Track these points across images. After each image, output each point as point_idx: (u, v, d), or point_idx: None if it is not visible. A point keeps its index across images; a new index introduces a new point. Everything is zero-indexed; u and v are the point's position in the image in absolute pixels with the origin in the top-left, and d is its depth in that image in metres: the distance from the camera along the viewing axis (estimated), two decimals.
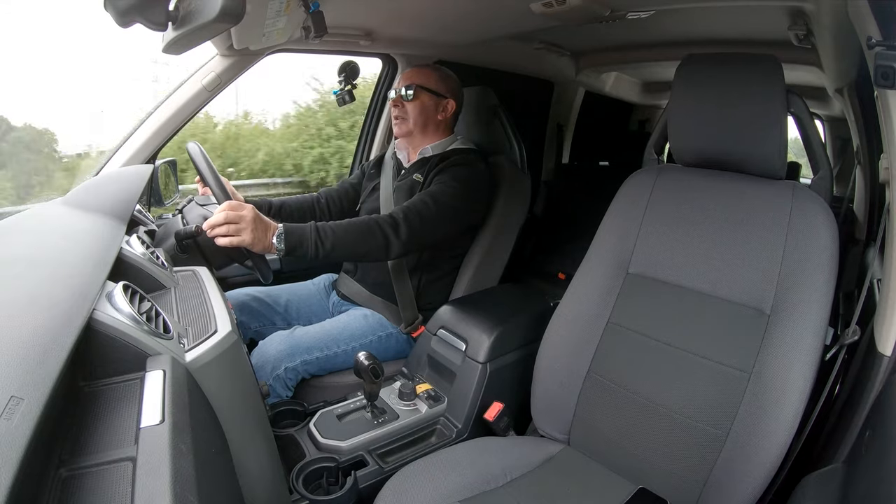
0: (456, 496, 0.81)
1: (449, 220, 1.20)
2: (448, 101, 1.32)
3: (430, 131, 1.33)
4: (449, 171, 1.23)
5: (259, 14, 0.96)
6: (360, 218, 1.11)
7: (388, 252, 1.11)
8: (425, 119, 1.31)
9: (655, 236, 0.96)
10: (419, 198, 1.18)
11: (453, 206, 1.19)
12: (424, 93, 1.29)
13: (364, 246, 1.08)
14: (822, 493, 0.65)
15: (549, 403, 1.01)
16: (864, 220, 1.44)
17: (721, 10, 1.33)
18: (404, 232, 1.10)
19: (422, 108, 1.30)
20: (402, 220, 1.11)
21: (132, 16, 0.67)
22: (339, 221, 1.08)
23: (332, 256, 1.06)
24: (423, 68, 1.34)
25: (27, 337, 0.45)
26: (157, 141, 1.30)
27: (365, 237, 1.07)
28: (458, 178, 1.22)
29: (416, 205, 1.15)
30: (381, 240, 1.09)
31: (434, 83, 1.30)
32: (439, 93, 1.30)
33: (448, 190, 1.19)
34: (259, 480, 0.72)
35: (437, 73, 1.32)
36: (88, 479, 0.43)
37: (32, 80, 5.43)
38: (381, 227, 1.09)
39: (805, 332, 0.77)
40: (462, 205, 1.22)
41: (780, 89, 0.84)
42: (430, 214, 1.15)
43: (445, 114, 1.32)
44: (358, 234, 1.07)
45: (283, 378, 1.13)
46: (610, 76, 2.43)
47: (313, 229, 1.03)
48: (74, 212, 0.92)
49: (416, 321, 1.28)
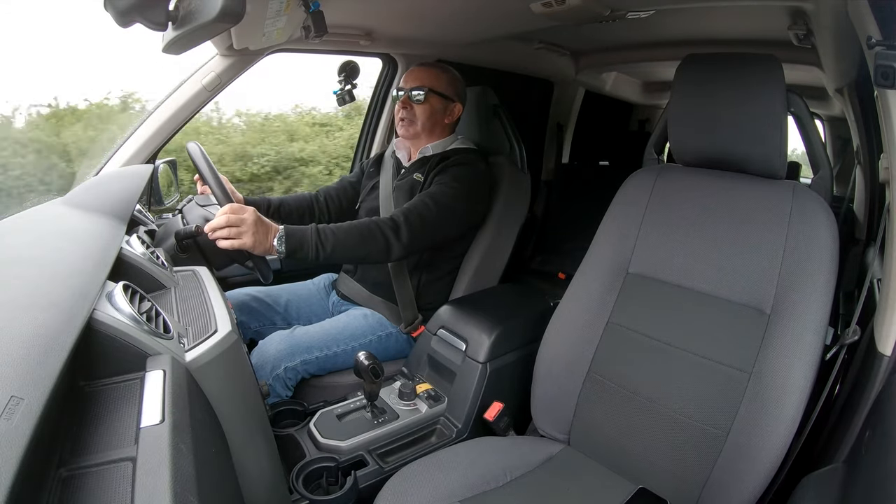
0: (456, 496, 0.81)
1: (450, 222, 1.20)
2: (456, 104, 1.32)
3: (437, 134, 1.33)
4: (449, 171, 1.23)
5: (259, 14, 0.96)
6: (361, 220, 1.11)
7: (389, 255, 1.11)
8: (433, 122, 1.30)
9: (655, 236, 0.96)
10: (420, 199, 1.17)
11: (454, 207, 1.19)
12: (434, 96, 1.28)
13: (364, 249, 1.08)
14: (822, 493, 0.65)
15: (549, 403, 1.01)
16: (864, 220, 1.44)
17: (721, 10, 1.33)
18: (405, 235, 1.10)
19: (431, 111, 1.29)
20: (403, 222, 1.10)
21: (132, 16, 0.67)
22: (340, 224, 1.07)
23: (333, 259, 1.06)
24: (432, 68, 1.32)
25: (27, 337, 0.45)
26: (157, 141, 1.30)
27: (366, 240, 1.07)
28: (459, 179, 1.21)
29: (417, 207, 1.15)
30: (382, 243, 1.09)
31: (444, 86, 1.29)
32: (448, 96, 1.29)
33: (448, 191, 1.19)
34: (259, 480, 0.72)
35: (446, 76, 1.31)
36: (88, 479, 0.43)
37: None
38: (381, 230, 1.08)
39: (805, 332, 0.77)
40: (462, 205, 1.22)
41: (780, 89, 0.84)
42: (431, 216, 1.15)
43: (452, 117, 1.32)
44: (359, 237, 1.07)
45: (283, 377, 1.13)
46: (610, 76, 2.43)
47: (314, 232, 1.03)
48: (74, 212, 0.92)
49: (415, 321, 1.28)
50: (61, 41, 3.22)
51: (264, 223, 0.99)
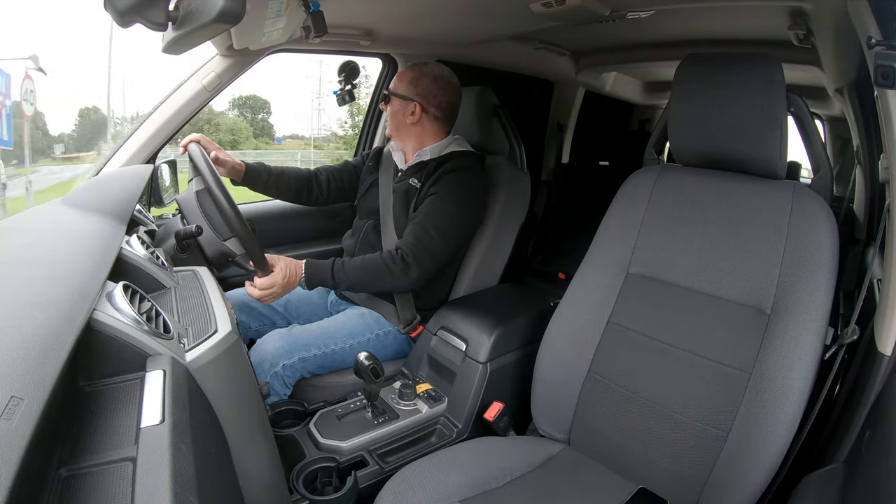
0: (456, 496, 0.81)
1: (455, 241, 1.23)
2: (414, 104, 1.27)
3: (410, 135, 1.30)
4: (445, 179, 1.21)
5: (259, 14, 0.96)
6: (373, 257, 1.15)
7: (403, 288, 1.20)
8: (397, 123, 1.30)
9: (656, 236, 0.96)
10: (423, 230, 1.17)
11: (455, 225, 1.20)
12: (394, 98, 1.28)
13: (378, 286, 1.17)
14: (822, 493, 0.65)
15: (550, 403, 1.01)
16: (864, 220, 1.44)
17: (721, 10, 1.33)
18: (415, 273, 1.15)
19: (393, 112, 1.30)
20: (413, 262, 1.15)
21: (132, 16, 0.67)
22: (354, 261, 1.14)
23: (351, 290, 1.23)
24: (405, 70, 1.31)
25: (27, 337, 0.45)
26: (157, 141, 1.30)
27: (379, 278, 1.14)
28: (457, 188, 1.21)
29: (423, 241, 1.16)
30: (393, 281, 1.15)
31: (404, 87, 1.27)
32: (406, 97, 1.27)
33: (449, 209, 1.19)
34: (259, 480, 0.72)
35: (411, 75, 1.28)
36: (88, 479, 0.43)
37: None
38: (390, 271, 1.14)
39: (805, 332, 0.77)
40: (463, 216, 1.22)
41: (780, 89, 0.84)
42: (436, 247, 1.17)
43: (415, 117, 1.27)
44: (372, 277, 1.14)
45: (282, 375, 1.13)
46: (610, 76, 2.43)
47: (330, 273, 1.12)
48: (74, 212, 0.92)
49: (414, 321, 1.28)
50: None
51: (289, 273, 1.07)
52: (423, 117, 1.28)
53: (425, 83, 1.27)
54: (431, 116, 1.29)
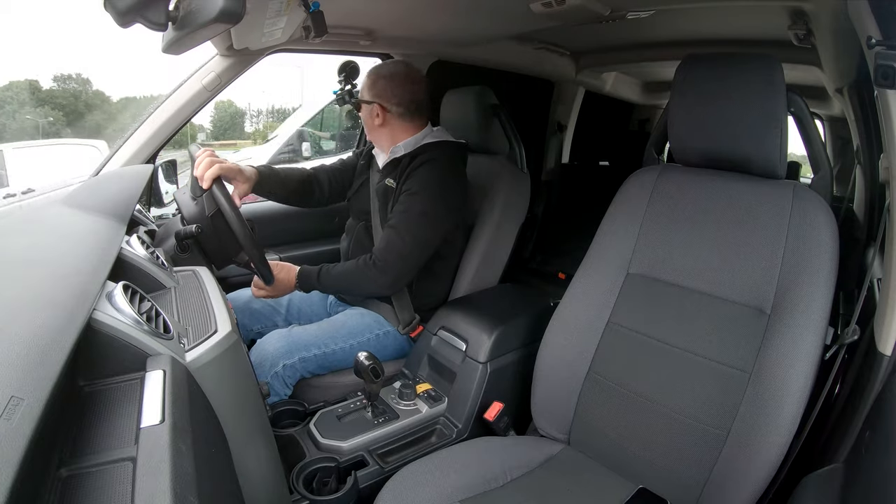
0: (456, 496, 0.81)
1: (428, 241, 1.20)
2: (374, 106, 1.26)
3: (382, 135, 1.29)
4: (416, 174, 1.20)
5: (259, 14, 0.96)
6: (350, 264, 1.20)
7: (382, 292, 1.24)
8: (368, 128, 1.31)
9: (655, 236, 0.96)
10: (395, 232, 1.17)
11: (428, 223, 1.18)
12: (362, 104, 1.28)
13: (360, 290, 1.26)
14: (822, 493, 0.65)
15: (550, 403, 1.01)
16: (864, 220, 1.44)
17: (721, 10, 1.32)
18: (390, 277, 1.18)
19: (363, 118, 1.31)
20: (384, 266, 1.17)
21: (132, 16, 0.67)
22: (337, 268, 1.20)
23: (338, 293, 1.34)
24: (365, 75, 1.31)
25: (27, 337, 0.45)
26: (157, 141, 1.30)
27: (358, 284, 1.20)
28: (427, 182, 1.19)
29: (395, 245, 1.16)
30: (370, 286, 1.19)
31: (364, 92, 1.28)
32: (367, 100, 1.27)
33: (418, 207, 1.17)
34: (259, 480, 0.72)
35: (368, 80, 1.28)
36: (88, 479, 0.43)
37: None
38: (366, 277, 1.18)
39: (805, 332, 0.77)
40: (435, 212, 1.19)
41: (780, 89, 0.84)
42: (408, 250, 1.17)
43: (381, 118, 1.26)
44: (352, 283, 1.20)
45: (282, 375, 1.13)
46: (610, 76, 2.43)
47: (316, 279, 1.19)
48: (74, 212, 0.92)
49: (413, 321, 1.28)
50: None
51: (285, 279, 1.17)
52: (387, 116, 1.27)
53: (381, 84, 1.26)
54: (395, 114, 1.27)
